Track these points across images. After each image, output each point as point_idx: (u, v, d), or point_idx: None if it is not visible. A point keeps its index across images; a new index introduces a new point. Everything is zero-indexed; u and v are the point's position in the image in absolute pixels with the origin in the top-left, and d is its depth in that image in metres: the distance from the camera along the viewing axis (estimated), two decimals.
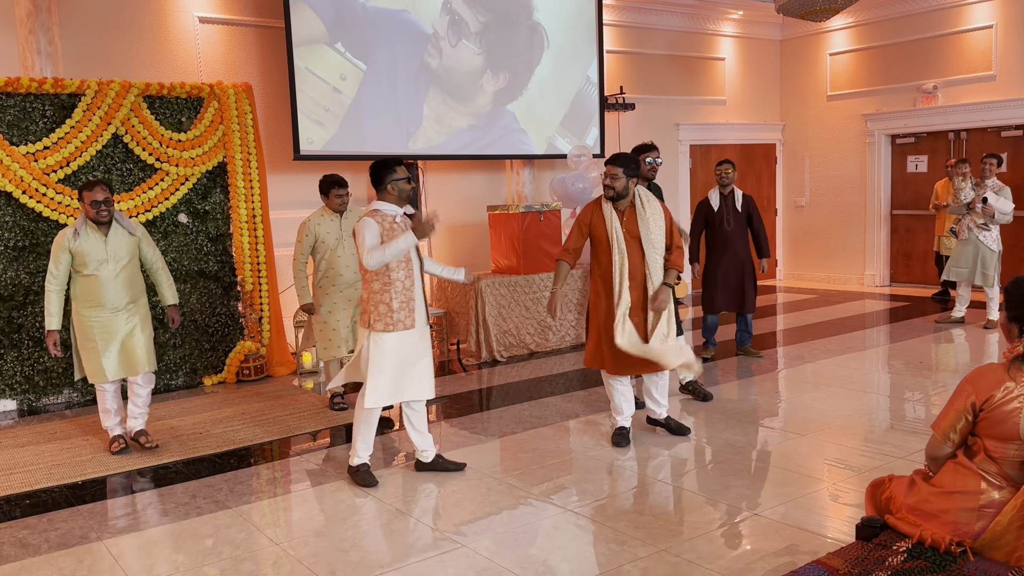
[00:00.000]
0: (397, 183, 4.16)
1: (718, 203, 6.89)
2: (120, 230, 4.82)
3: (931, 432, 2.79)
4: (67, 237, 4.70)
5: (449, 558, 3.44)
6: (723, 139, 11.56)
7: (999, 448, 2.60)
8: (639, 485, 4.21)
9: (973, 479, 2.64)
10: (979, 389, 2.60)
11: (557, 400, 5.97)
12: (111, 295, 4.77)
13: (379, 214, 4.14)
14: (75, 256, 4.72)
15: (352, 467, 4.33)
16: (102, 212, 4.69)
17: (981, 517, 2.60)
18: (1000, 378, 2.57)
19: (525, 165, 9.38)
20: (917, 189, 10.80)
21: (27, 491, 4.40)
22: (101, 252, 4.74)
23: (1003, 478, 2.61)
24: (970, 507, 2.62)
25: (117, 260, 4.78)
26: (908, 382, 6.13)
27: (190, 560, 3.51)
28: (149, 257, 5.01)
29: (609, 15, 10.07)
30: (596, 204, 4.73)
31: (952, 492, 2.66)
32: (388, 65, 8.07)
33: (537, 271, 7.75)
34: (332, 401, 5.82)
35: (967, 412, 2.62)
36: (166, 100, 6.59)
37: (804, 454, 4.59)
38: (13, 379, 6.10)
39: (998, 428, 2.58)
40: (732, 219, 6.83)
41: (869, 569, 2.64)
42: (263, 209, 6.93)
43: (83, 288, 4.77)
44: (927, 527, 2.67)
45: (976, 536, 2.60)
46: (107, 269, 4.75)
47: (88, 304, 4.77)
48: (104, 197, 4.69)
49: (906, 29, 10.58)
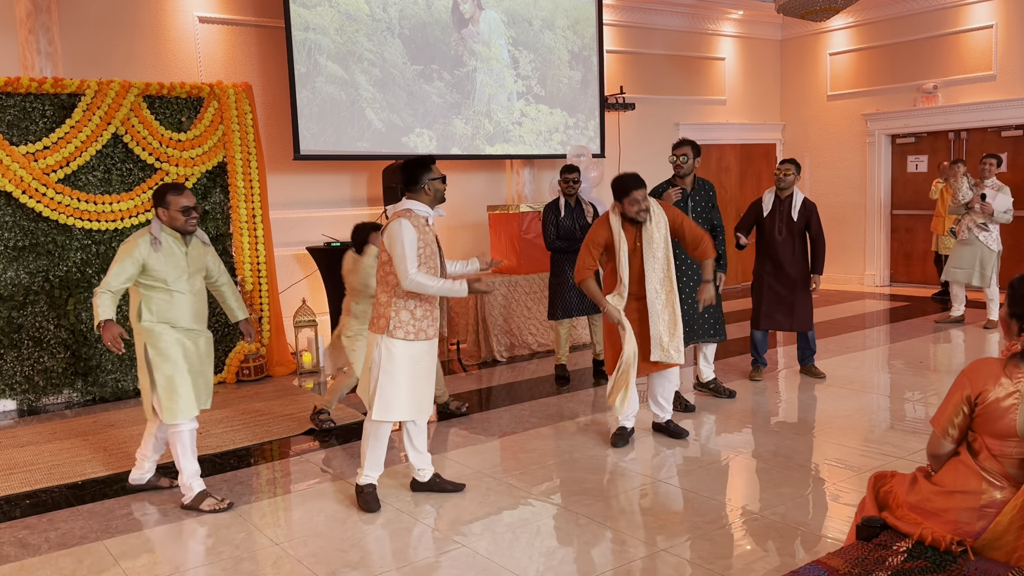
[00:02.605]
0: (434, 182, 3.88)
1: (770, 207, 6.06)
2: (197, 239, 4.18)
3: (931, 429, 2.80)
4: (143, 247, 3.94)
5: (449, 558, 3.44)
6: (723, 139, 11.56)
7: (998, 446, 2.60)
8: (639, 485, 4.21)
9: (974, 479, 2.64)
10: (974, 382, 2.59)
11: (557, 400, 5.97)
12: (194, 313, 4.12)
13: (412, 215, 3.82)
14: (149, 270, 3.97)
15: (359, 486, 4.04)
16: (191, 220, 4.05)
17: (982, 517, 2.59)
18: (996, 373, 2.56)
19: (525, 165, 9.38)
20: (917, 189, 10.80)
21: (27, 491, 4.40)
22: (182, 264, 4.07)
23: (1004, 478, 2.61)
24: (971, 507, 2.62)
25: (196, 273, 4.16)
26: (908, 382, 6.13)
27: (190, 560, 3.51)
28: (213, 269, 4.32)
29: (609, 15, 10.07)
30: (604, 220, 4.77)
31: (953, 491, 2.66)
32: (388, 64, 8.07)
33: (537, 271, 7.74)
34: (319, 418, 5.38)
35: (964, 405, 2.61)
36: (166, 100, 6.59)
37: (804, 454, 4.59)
38: (13, 379, 6.10)
39: (995, 425, 2.58)
40: (784, 228, 6.00)
41: (869, 569, 2.64)
42: (263, 209, 6.93)
43: (162, 306, 4.03)
44: (928, 526, 2.67)
45: (977, 535, 2.59)
46: (189, 283, 4.09)
47: (169, 325, 4.04)
48: (194, 203, 4.07)
49: (906, 29, 10.58)
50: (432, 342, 4.00)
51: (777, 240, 6.03)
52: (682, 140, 5.65)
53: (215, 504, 4.00)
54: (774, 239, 6.04)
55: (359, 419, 5.54)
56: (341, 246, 7.37)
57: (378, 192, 8.40)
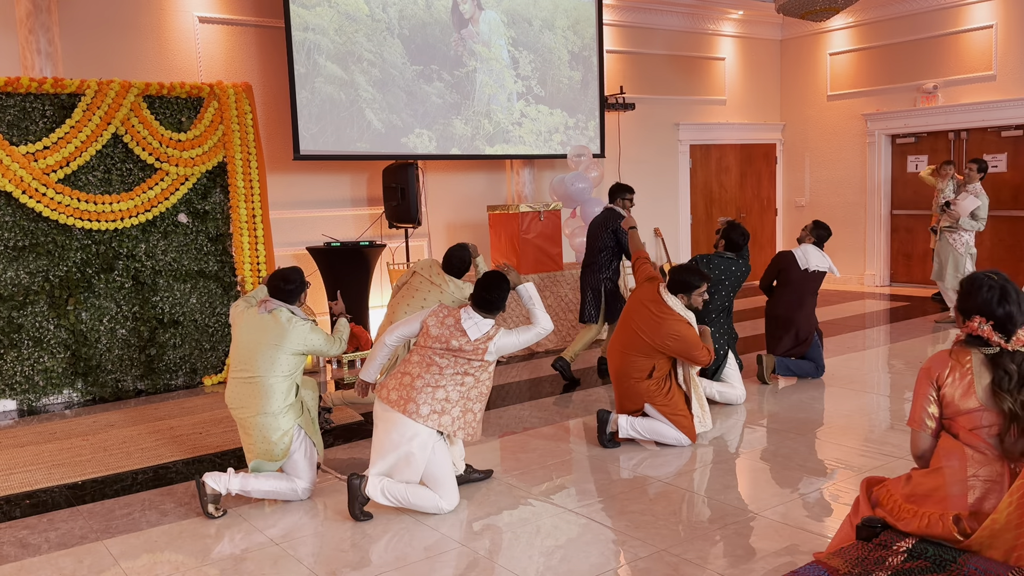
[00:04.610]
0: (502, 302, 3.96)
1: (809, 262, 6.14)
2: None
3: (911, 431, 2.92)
4: None
5: (449, 558, 3.44)
6: (723, 139, 11.56)
7: (968, 420, 2.74)
8: (639, 485, 4.21)
9: (957, 451, 2.75)
10: (931, 370, 2.82)
11: (557, 400, 5.97)
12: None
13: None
14: None
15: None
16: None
17: (970, 488, 2.69)
18: (946, 359, 2.80)
19: (525, 165, 9.38)
20: (917, 189, 10.79)
21: (27, 491, 4.40)
22: None
23: (985, 448, 2.72)
24: (959, 479, 2.72)
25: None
26: (908, 382, 6.13)
27: (190, 560, 3.51)
28: None
29: (609, 15, 10.07)
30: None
31: (939, 467, 2.77)
32: (388, 64, 8.07)
33: (537, 271, 7.75)
34: (321, 417, 5.30)
35: (931, 392, 2.82)
36: (166, 100, 6.59)
37: (804, 454, 4.59)
38: (13, 379, 6.10)
39: (960, 403, 2.74)
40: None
41: (869, 569, 2.64)
42: (263, 209, 6.93)
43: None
44: (923, 511, 2.74)
45: (969, 508, 2.66)
46: None
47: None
48: None
49: (906, 29, 10.58)
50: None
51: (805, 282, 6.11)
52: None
53: (214, 511, 3.96)
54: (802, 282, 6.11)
55: (359, 419, 5.54)
56: (341, 246, 7.38)
57: (378, 192, 8.40)
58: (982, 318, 2.73)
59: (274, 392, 3.97)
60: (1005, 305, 2.71)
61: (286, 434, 3.99)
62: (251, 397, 4.00)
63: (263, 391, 3.97)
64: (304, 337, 4.03)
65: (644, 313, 4.73)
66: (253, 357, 4.00)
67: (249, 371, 4.01)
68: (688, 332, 4.64)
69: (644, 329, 4.70)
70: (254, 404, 3.98)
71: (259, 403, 3.97)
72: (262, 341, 4.00)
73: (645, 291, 4.85)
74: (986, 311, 2.72)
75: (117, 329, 6.42)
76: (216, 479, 3.94)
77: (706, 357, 4.69)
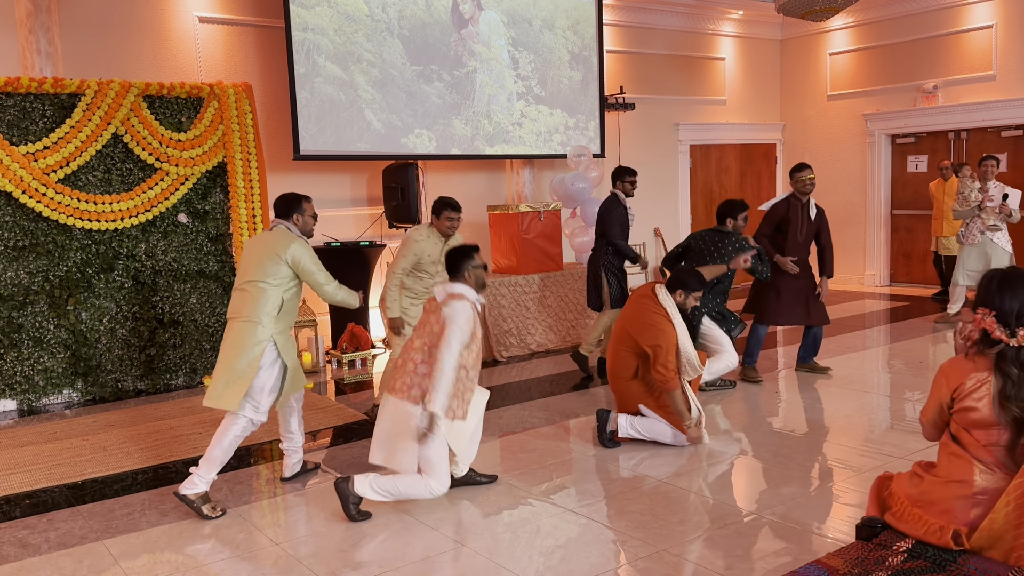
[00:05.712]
0: (475, 271, 4.02)
1: (794, 210, 6.24)
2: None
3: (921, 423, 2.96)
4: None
5: (449, 558, 3.44)
6: (723, 139, 11.56)
7: (984, 435, 2.70)
8: (639, 485, 4.21)
9: (967, 467, 2.73)
10: (950, 377, 2.77)
11: (557, 400, 5.97)
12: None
13: (470, 301, 3.94)
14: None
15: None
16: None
17: (976, 504, 2.68)
18: (968, 368, 2.74)
19: (525, 165, 9.38)
20: (917, 189, 10.80)
21: (27, 491, 4.40)
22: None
23: (996, 466, 2.70)
24: (964, 495, 2.71)
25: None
26: (908, 382, 6.13)
27: (190, 560, 3.51)
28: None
29: (609, 15, 10.07)
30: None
31: (948, 481, 2.76)
32: (388, 65, 8.07)
33: (537, 271, 7.74)
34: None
35: (945, 400, 2.79)
36: (166, 100, 6.59)
37: (804, 454, 4.59)
38: (13, 379, 6.10)
39: (974, 415, 2.69)
40: (803, 230, 6.21)
41: (869, 569, 2.64)
42: (263, 209, 6.93)
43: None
44: (926, 518, 2.74)
45: (971, 524, 2.66)
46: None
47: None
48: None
49: (906, 29, 10.58)
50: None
51: (798, 242, 6.23)
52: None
53: (210, 511, 3.96)
54: (796, 241, 6.23)
55: (359, 419, 5.54)
56: (341, 246, 7.38)
57: (378, 192, 8.40)
58: (986, 309, 2.70)
59: (262, 298, 4.06)
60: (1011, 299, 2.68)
61: (259, 344, 4.02)
62: (241, 303, 4.12)
63: (252, 296, 4.08)
64: (302, 252, 4.17)
65: (637, 307, 4.80)
66: (251, 266, 4.16)
67: (245, 278, 4.15)
68: (663, 343, 4.57)
69: (632, 322, 4.75)
70: (242, 311, 4.09)
71: (246, 310, 4.07)
72: (262, 253, 4.16)
73: (643, 288, 4.90)
74: (994, 304, 2.70)
75: (117, 329, 6.42)
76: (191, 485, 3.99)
77: (663, 380, 4.58)
